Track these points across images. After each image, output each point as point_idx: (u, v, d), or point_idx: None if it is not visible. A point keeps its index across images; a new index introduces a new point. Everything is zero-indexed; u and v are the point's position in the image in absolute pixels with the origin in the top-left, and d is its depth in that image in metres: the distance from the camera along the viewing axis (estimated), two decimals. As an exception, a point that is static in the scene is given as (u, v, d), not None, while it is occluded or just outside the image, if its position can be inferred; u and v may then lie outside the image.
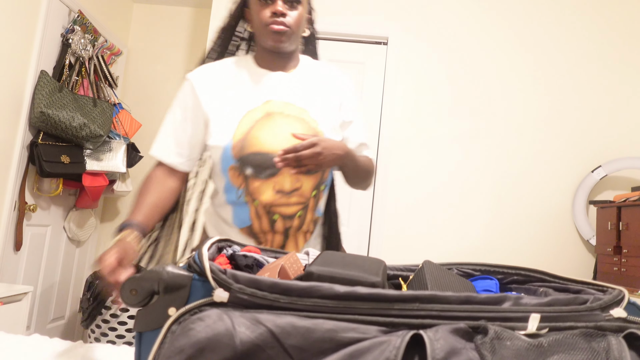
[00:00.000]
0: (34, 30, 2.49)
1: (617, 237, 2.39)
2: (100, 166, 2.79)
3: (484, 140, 2.84)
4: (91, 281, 2.79)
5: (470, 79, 2.87)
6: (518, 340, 0.49)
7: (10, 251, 2.47)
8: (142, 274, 0.56)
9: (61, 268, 2.93)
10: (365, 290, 0.54)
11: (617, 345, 0.47)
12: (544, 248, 2.75)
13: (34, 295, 2.69)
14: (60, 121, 2.48)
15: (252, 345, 0.50)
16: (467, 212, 2.80)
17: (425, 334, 0.49)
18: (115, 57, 3.25)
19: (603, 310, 0.53)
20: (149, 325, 0.56)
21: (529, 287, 0.71)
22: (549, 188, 2.79)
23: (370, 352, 0.48)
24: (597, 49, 2.85)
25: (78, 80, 2.78)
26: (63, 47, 2.70)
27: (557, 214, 2.77)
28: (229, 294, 0.54)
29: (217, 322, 0.51)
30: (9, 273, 2.48)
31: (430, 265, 0.70)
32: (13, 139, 2.41)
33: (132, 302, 0.56)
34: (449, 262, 0.87)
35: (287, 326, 0.50)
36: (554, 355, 0.47)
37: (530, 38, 2.88)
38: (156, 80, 3.45)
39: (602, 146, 2.79)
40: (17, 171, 2.43)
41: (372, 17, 2.94)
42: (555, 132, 2.82)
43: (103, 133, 2.73)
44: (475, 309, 0.53)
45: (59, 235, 2.90)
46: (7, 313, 2.00)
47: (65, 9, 2.73)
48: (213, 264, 0.56)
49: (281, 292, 0.54)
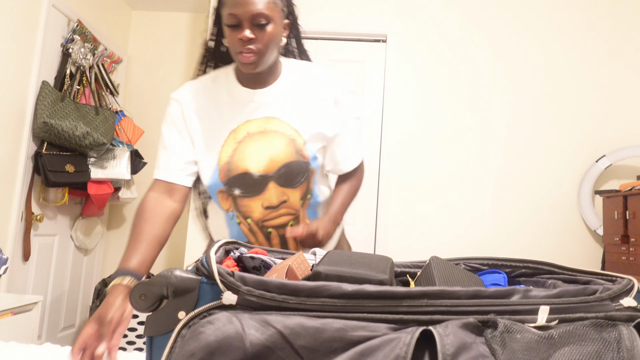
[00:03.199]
0: (34, 41, 2.50)
1: (625, 226, 2.38)
2: (104, 174, 2.80)
3: (486, 134, 2.83)
4: (100, 288, 2.80)
5: (471, 73, 2.86)
6: (528, 332, 0.48)
7: (19, 261, 2.48)
8: (151, 279, 0.56)
9: (70, 277, 2.94)
10: (374, 288, 0.54)
11: (628, 335, 0.47)
12: (551, 240, 2.74)
13: (44, 305, 2.70)
14: (64, 131, 2.49)
15: (262, 347, 0.50)
16: (472, 206, 2.79)
17: (435, 329, 0.49)
18: (116, 64, 3.27)
19: (613, 300, 0.53)
20: (159, 330, 0.56)
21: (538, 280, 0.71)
22: (554, 179, 2.78)
23: (381, 350, 0.48)
24: (599, 38, 2.84)
25: (79, 89, 2.79)
26: (63, 57, 2.71)
27: (563, 205, 2.76)
28: (238, 297, 0.54)
29: (226, 324, 0.51)
30: (19, 283, 2.50)
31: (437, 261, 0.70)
32: (17, 150, 2.42)
33: (142, 307, 0.56)
34: (456, 257, 0.86)
35: (297, 327, 0.51)
36: (564, 346, 0.47)
37: (533, 27, 2.87)
38: (157, 86, 3.46)
39: (605, 135, 2.78)
40: (23, 182, 2.44)
41: (370, 15, 2.93)
42: (559, 123, 2.81)
43: (106, 141, 2.74)
44: (484, 303, 0.53)
45: (67, 244, 2.91)
46: (17, 323, 2.01)
47: (64, 18, 2.74)
48: (221, 267, 0.56)
49: (289, 292, 0.54)
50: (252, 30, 1.04)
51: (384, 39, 2.94)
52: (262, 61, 1.07)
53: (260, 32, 1.04)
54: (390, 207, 2.82)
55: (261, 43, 1.05)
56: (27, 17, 2.44)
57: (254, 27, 1.04)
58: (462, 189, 2.80)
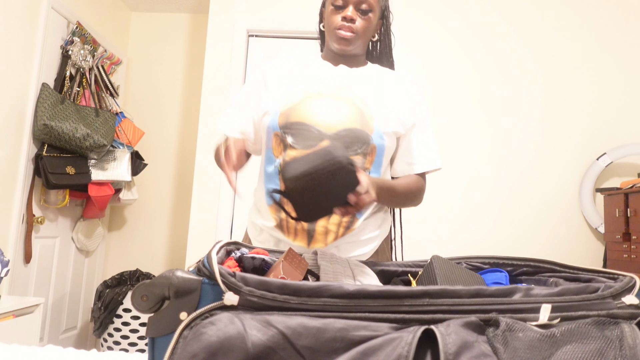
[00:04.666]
0: (34, 43, 2.51)
1: (626, 224, 2.37)
2: (105, 176, 2.80)
3: (488, 132, 2.83)
4: (102, 290, 2.80)
5: (473, 71, 2.86)
6: (530, 331, 0.48)
7: (20, 264, 2.48)
8: (152, 280, 0.56)
9: (71, 278, 2.95)
10: (375, 287, 0.54)
11: (630, 333, 0.47)
12: (553, 238, 2.74)
13: (46, 307, 2.71)
14: (64, 132, 2.50)
15: (264, 348, 0.50)
16: (473, 205, 2.79)
17: (437, 328, 0.49)
18: (115, 66, 3.27)
19: (615, 298, 0.53)
20: (161, 331, 0.56)
21: (539, 278, 0.70)
22: (554, 178, 2.78)
23: (383, 349, 0.48)
24: (600, 36, 2.84)
25: (79, 91, 2.79)
26: (63, 59, 2.71)
27: (564, 204, 2.76)
28: (239, 297, 0.54)
29: (228, 325, 0.51)
30: (20, 285, 2.50)
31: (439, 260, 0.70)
32: (18, 152, 2.43)
33: (144, 308, 0.56)
34: (457, 256, 0.86)
35: (298, 327, 0.51)
36: (566, 345, 0.47)
37: (535, 26, 2.87)
38: (157, 87, 3.47)
39: (606, 133, 2.77)
40: (24, 184, 2.45)
41: (369, 15, 2.93)
42: (559, 121, 2.81)
43: (107, 142, 2.74)
44: (485, 302, 0.52)
45: (68, 246, 2.92)
46: (19, 325, 2.01)
47: (63, 21, 2.74)
48: (222, 267, 0.56)
49: (291, 292, 0.54)
50: (354, 13, 1.14)
51: (383, 38, 2.94)
52: (356, 42, 1.16)
53: (362, 17, 1.15)
54: (391, 206, 2.82)
55: (360, 25, 1.15)
56: (26, 19, 2.44)
57: (357, 11, 1.14)
58: (463, 187, 2.80)
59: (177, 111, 3.40)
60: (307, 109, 1.12)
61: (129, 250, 3.36)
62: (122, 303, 2.71)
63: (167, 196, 3.39)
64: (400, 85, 1.22)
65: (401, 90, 1.21)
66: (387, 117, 1.15)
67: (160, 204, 3.39)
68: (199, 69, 3.43)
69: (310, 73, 1.21)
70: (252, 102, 1.22)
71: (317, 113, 1.12)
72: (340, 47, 1.16)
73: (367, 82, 1.20)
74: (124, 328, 2.70)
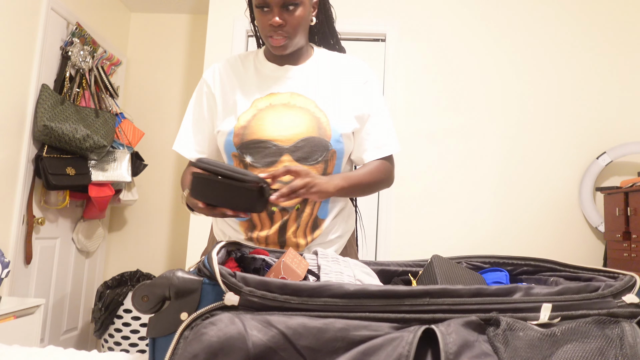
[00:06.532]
0: (34, 44, 2.51)
1: (626, 223, 2.37)
2: (105, 176, 2.80)
3: (487, 131, 2.83)
4: (102, 291, 2.80)
5: (471, 71, 2.86)
6: (530, 330, 0.48)
7: (20, 265, 2.48)
8: (153, 281, 0.56)
9: (72, 279, 2.95)
10: (376, 287, 0.54)
11: (630, 331, 0.47)
12: (553, 237, 2.74)
13: (46, 308, 2.71)
14: (64, 133, 2.50)
15: (265, 348, 0.50)
16: (473, 204, 2.79)
17: (437, 328, 0.49)
18: (115, 67, 3.27)
19: (615, 297, 0.53)
20: (161, 331, 0.56)
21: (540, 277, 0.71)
22: (554, 177, 2.78)
23: (383, 349, 0.48)
24: (598, 34, 2.84)
25: (79, 92, 2.79)
26: (63, 60, 2.71)
27: (564, 203, 2.76)
28: (240, 297, 0.54)
29: (229, 325, 0.51)
30: (21, 287, 2.50)
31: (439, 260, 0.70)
32: (18, 153, 2.43)
33: (144, 309, 0.57)
34: (457, 255, 0.86)
35: (299, 327, 0.51)
36: (567, 344, 0.47)
37: (533, 25, 2.87)
38: (157, 88, 3.47)
39: (606, 132, 2.77)
40: (24, 185, 2.45)
41: (369, 14, 2.93)
42: (558, 120, 2.81)
43: (107, 143, 2.74)
44: (486, 301, 0.53)
45: (68, 247, 2.92)
46: (20, 326, 2.02)
47: (63, 21, 2.74)
48: (223, 268, 0.56)
49: (291, 293, 0.54)
50: (280, 15, 1.05)
51: (383, 38, 2.94)
52: (292, 44, 1.10)
53: (290, 16, 1.06)
54: (391, 205, 2.82)
55: (290, 27, 1.07)
56: (26, 20, 2.44)
57: (282, 11, 1.05)
58: (463, 187, 2.80)
59: (177, 111, 3.40)
60: (260, 125, 1.10)
61: (130, 251, 3.36)
62: (122, 304, 2.71)
63: (167, 197, 3.39)
64: (352, 75, 1.17)
65: (354, 80, 1.17)
66: (343, 118, 1.13)
67: (160, 205, 3.39)
68: (198, 69, 3.44)
69: (256, 82, 1.16)
70: (204, 116, 1.19)
71: (272, 127, 1.09)
72: (277, 53, 1.11)
73: (318, 80, 1.15)
74: (124, 329, 2.71)
